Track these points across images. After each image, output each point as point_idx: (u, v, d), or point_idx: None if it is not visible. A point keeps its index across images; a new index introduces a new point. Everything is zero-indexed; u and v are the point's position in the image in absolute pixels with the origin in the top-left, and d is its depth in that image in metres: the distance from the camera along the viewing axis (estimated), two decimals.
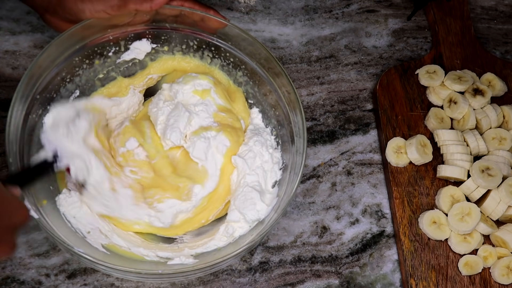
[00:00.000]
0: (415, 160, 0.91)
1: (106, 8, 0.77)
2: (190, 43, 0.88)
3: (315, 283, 0.85)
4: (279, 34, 1.02)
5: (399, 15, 1.08)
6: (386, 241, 0.89)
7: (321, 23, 1.05)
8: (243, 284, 0.84)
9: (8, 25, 0.95)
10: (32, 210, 0.69)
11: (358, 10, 1.07)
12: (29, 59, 0.93)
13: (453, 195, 0.89)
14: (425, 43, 1.06)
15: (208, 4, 0.85)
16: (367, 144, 0.96)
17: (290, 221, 0.88)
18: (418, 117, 0.96)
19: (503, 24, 1.10)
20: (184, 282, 0.82)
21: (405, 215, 0.89)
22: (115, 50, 0.86)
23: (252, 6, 1.04)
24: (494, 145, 0.92)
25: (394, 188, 0.90)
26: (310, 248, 0.87)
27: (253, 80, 0.87)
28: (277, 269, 0.85)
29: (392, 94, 0.97)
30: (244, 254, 0.83)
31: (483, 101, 0.95)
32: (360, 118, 0.98)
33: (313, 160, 0.93)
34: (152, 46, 0.87)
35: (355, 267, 0.87)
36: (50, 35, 0.95)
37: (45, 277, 0.80)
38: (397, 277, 0.87)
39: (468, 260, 0.86)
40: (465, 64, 1.01)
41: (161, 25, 0.85)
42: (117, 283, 0.81)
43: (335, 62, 1.02)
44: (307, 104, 0.97)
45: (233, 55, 0.86)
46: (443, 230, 0.87)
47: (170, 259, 0.77)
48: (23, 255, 0.80)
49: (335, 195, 0.91)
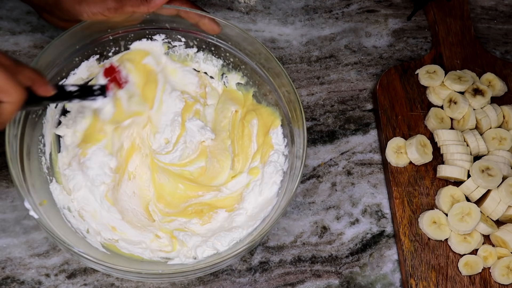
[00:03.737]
0: (415, 160, 0.91)
1: (103, 11, 0.77)
2: (190, 43, 0.88)
3: (315, 283, 0.85)
4: (279, 34, 1.02)
5: (399, 15, 1.08)
6: (386, 241, 0.89)
7: (321, 23, 1.05)
8: (243, 284, 0.84)
9: (8, 25, 0.95)
10: (32, 210, 0.69)
11: (358, 10, 1.07)
12: (29, 59, 0.93)
13: (453, 195, 0.89)
14: (425, 43, 1.06)
15: (208, 4, 0.85)
16: (367, 144, 0.96)
17: (290, 221, 0.88)
18: (418, 117, 0.96)
19: (503, 24, 1.10)
20: (184, 282, 0.82)
21: (405, 215, 0.89)
22: (115, 50, 0.86)
23: (252, 6, 1.04)
24: (494, 145, 0.92)
25: (394, 188, 0.90)
26: (310, 248, 0.87)
27: (253, 80, 0.87)
28: (277, 269, 0.85)
29: (392, 94, 0.97)
30: (244, 254, 0.83)
31: (483, 101, 0.95)
32: (360, 118, 0.98)
33: (313, 160, 0.93)
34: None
35: (355, 267, 0.87)
36: (50, 35, 0.95)
37: (45, 277, 0.80)
38: (397, 277, 0.87)
39: (468, 260, 0.86)
40: (465, 64, 1.01)
41: (161, 25, 0.85)
42: (117, 283, 0.81)
43: (335, 62, 1.02)
44: (307, 104, 0.97)
45: (233, 55, 0.86)
46: (443, 230, 0.87)
47: (170, 259, 0.77)
48: (23, 255, 0.80)
49: (335, 195, 0.91)
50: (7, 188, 0.84)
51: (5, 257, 0.80)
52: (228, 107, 0.89)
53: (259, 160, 0.84)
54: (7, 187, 0.84)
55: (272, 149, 0.84)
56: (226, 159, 0.86)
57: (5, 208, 0.82)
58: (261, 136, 0.86)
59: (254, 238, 0.74)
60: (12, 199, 0.83)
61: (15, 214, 0.82)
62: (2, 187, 0.84)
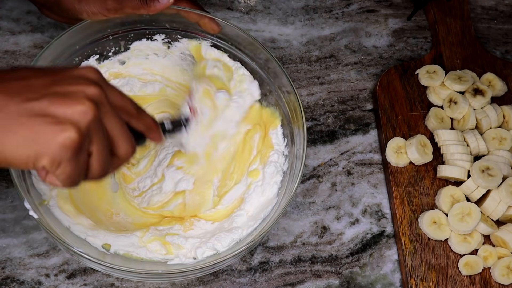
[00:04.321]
0: (415, 160, 0.91)
1: (102, 11, 0.77)
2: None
3: (315, 283, 0.85)
4: (279, 34, 1.02)
5: (399, 15, 1.08)
6: (386, 241, 0.89)
7: (321, 23, 1.05)
8: (243, 284, 0.83)
9: (8, 25, 0.95)
10: (32, 210, 0.69)
11: (358, 10, 1.07)
12: (29, 59, 0.93)
13: (453, 195, 0.89)
14: (425, 43, 1.06)
15: (208, 4, 0.85)
16: (367, 144, 0.96)
17: (290, 221, 0.88)
18: (418, 117, 0.96)
19: (503, 24, 1.10)
20: (184, 282, 0.82)
21: (405, 215, 0.89)
22: (115, 50, 0.86)
23: (252, 6, 1.04)
24: (494, 145, 0.92)
25: (394, 188, 0.90)
26: (310, 248, 0.87)
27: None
28: (277, 269, 0.85)
29: (392, 94, 0.97)
30: (244, 254, 0.83)
31: (483, 101, 0.95)
32: (360, 118, 0.98)
33: (313, 160, 0.93)
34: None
35: (355, 267, 0.87)
36: (50, 35, 0.95)
37: (45, 277, 0.80)
38: (397, 277, 0.87)
39: (468, 260, 0.86)
40: (465, 64, 1.01)
41: (161, 25, 0.85)
42: (117, 283, 0.81)
43: (335, 62, 1.02)
44: (307, 104, 0.97)
45: (233, 55, 0.86)
46: (443, 230, 0.87)
47: (170, 259, 0.77)
48: (23, 255, 0.80)
49: (335, 195, 0.91)
50: (7, 188, 0.84)
51: (5, 257, 0.80)
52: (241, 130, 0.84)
53: (259, 162, 0.84)
54: (7, 187, 0.84)
55: (272, 149, 0.83)
56: (207, 189, 0.82)
57: (5, 208, 0.82)
58: (261, 141, 0.84)
59: (254, 238, 0.74)
60: (12, 199, 0.83)
61: (15, 214, 0.82)
62: (2, 187, 0.84)
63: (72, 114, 0.53)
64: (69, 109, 0.53)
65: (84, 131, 0.53)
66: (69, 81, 0.55)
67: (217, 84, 0.79)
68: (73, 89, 0.54)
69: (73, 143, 0.52)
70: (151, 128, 0.63)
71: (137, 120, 0.61)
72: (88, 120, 0.53)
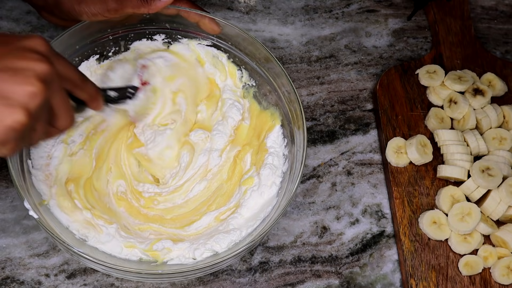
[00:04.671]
0: (415, 160, 0.91)
1: (103, 12, 0.77)
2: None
3: (315, 283, 0.85)
4: (279, 34, 1.02)
5: (399, 15, 1.08)
6: (386, 241, 0.89)
7: (321, 23, 1.05)
8: (243, 284, 0.83)
9: (8, 25, 0.95)
10: (32, 210, 0.69)
11: (358, 10, 1.07)
12: None
13: (453, 195, 0.89)
14: (425, 43, 1.06)
15: (208, 4, 0.85)
16: (367, 144, 0.96)
17: (290, 221, 0.88)
18: (418, 117, 0.96)
19: (503, 24, 1.10)
20: (184, 282, 0.82)
21: (405, 215, 0.89)
22: (115, 50, 0.86)
23: (252, 6, 1.04)
24: (495, 145, 0.92)
25: (394, 188, 0.90)
26: (310, 248, 0.87)
27: (253, 80, 0.87)
28: (277, 269, 0.85)
29: (392, 94, 0.97)
30: (244, 254, 0.83)
31: (483, 101, 0.95)
32: (360, 118, 0.98)
33: (313, 160, 0.93)
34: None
35: (355, 267, 0.87)
36: (50, 35, 0.95)
37: (45, 277, 0.80)
38: (397, 277, 0.87)
39: (468, 260, 0.86)
40: (465, 64, 1.01)
41: (161, 25, 0.85)
42: (117, 283, 0.81)
43: (335, 62, 1.02)
44: (307, 104, 0.97)
45: (233, 55, 0.86)
46: (443, 230, 0.87)
47: (170, 260, 0.77)
48: (23, 255, 0.80)
49: (335, 195, 0.91)
50: (7, 188, 0.84)
51: (5, 257, 0.80)
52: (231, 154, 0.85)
53: (254, 170, 0.83)
54: (7, 187, 0.84)
55: (266, 152, 0.83)
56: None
57: (5, 208, 0.82)
58: (254, 157, 0.84)
59: (254, 238, 0.74)
60: (12, 199, 0.83)
61: (15, 214, 0.82)
62: (2, 187, 0.84)
63: (22, 96, 0.53)
64: (19, 88, 0.53)
65: (33, 113, 0.54)
66: (18, 54, 0.55)
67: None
68: (23, 64, 0.54)
69: (21, 126, 0.53)
70: (93, 97, 0.66)
71: (80, 90, 0.63)
72: (38, 103, 0.54)
